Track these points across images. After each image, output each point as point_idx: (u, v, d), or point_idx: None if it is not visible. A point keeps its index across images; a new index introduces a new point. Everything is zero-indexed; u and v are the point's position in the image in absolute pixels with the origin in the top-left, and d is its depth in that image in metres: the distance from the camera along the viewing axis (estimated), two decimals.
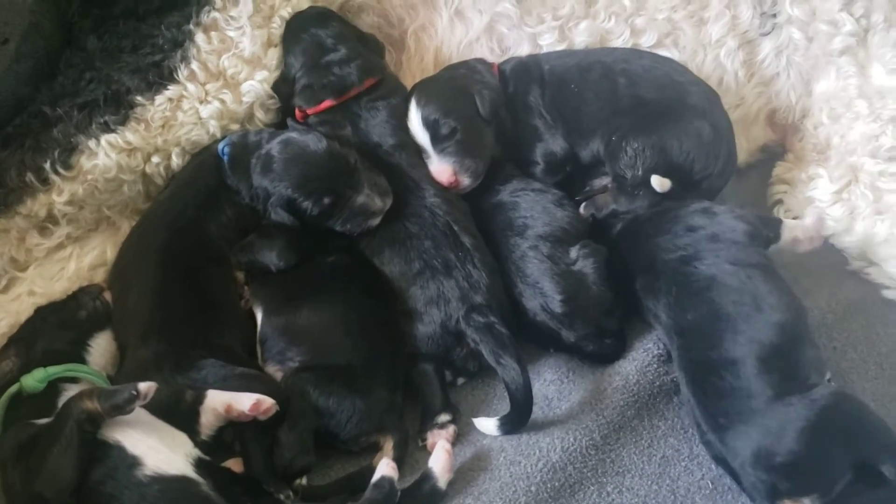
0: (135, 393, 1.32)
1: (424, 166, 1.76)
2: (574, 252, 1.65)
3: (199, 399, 1.45)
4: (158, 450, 1.35)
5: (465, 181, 1.74)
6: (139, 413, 1.40)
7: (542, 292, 1.62)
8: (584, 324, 1.61)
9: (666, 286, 1.55)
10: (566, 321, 1.61)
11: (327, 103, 1.81)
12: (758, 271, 1.50)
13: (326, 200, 1.65)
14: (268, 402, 1.42)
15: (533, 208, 1.71)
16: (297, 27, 1.87)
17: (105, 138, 1.68)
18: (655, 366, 1.60)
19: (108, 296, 1.66)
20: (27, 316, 1.62)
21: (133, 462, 1.33)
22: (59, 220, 1.71)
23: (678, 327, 1.51)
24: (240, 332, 1.63)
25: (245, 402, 1.42)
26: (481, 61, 1.88)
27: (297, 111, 1.84)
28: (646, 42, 1.89)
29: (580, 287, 1.61)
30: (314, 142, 1.67)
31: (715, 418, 1.41)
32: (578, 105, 1.78)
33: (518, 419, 1.53)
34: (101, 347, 1.60)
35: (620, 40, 1.89)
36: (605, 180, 1.78)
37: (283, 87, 1.85)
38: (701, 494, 1.46)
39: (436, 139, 1.73)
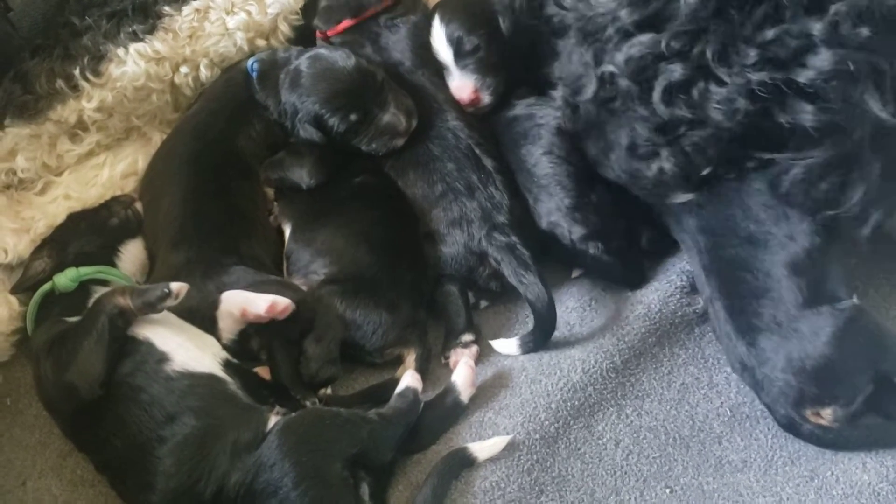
0: (167, 291, 1.34)
1: (447, 87, 1.77)
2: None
3: (215, 304, 1.47)
4: (187, 348, 1.38)
5: (486, 98, 1.74)
6: (168, 315, 1.43)
7: (556, 190, 1.62)
8: (596, 219, 1.60)
9: None
10: (578, 216, 1.60)
11: (346, 23, 1.82)
12: None
13: (353, 117, 1.65)
14: (283, 302, 1.43)
15: (550, 114, 1.69)
16: None
17: (133, 47, 1.69)
18: (678, 297, 1.60)
19: (139, 206, 1.68)
20: (62, 218, 1.65)
21: (162, 357, 1.35)
22: (88, 126, 1.72)
23: (708, 227, 1.49)
24: (268, 246, 1.65)
25: (260, 304, 1.42)
26: None
27: (317, 33, 1.85)
28: None
29: (593, 185, 1.62)
30: (343, 58, 1.67)
31: (748, 319, 1.41)
32: None
33: (542, 336, 1.54)
34: (131, 254, 1.62)
35: None
36: None
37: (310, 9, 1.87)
38: (719, 421, 1.47)
39: (458, 55, 1.74)
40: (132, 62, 1.68)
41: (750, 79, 1.27)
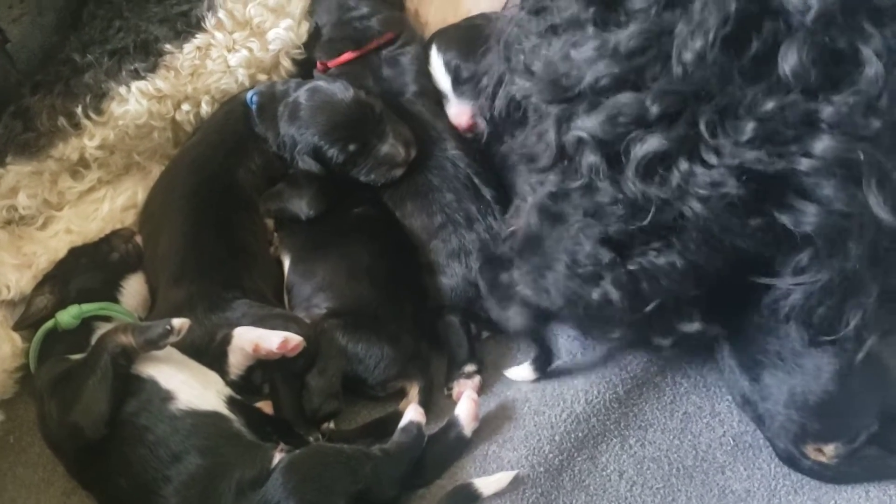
0: (169, 328, 1.34)
1: (446, 117, 1.78)
2: None
3: (227, 339, 1.47)
4: (191, 385, 1.37)
5: (483, 124, 1.74)
6: (171, 351, 1.42)
7: None
8: None
9: None
10: None
11: (347, 55, 1.84)
12: None
13: (351, 148, 1.66)
14: (295, 339, 1.43)
15: None
16: None
17: (135, 85, 1.69)
18: None
19: (139, 239, 1.68)
20: (64, 253, 1.65)
21: (166, 396, 1.35)
22: (90, 164, 1.72)
23: None
24: (270, 278, 1.65)
25: (273, 340, 1.43)
26: (497, 12, 1.89)
27: (318, 64, 1.87)
28: None
29: None
30: (341, 90, 1.68)
31: (752, 356, 1.41)
32: None
33: (545, 361, 1.54)
34: (133, 289, 1.62)
35: None
36: None
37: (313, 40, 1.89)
38: (722, 450, 1.47)
39: (457, 83, 1.76)
40: (134, 100, 1.68)
41: (744, 158, 1.06)
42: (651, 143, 1.09)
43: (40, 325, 1.52)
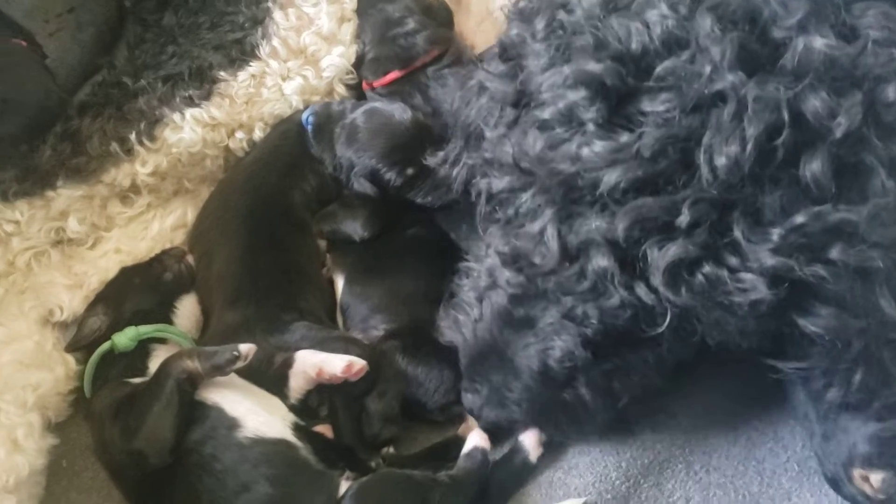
0: (236, 354, 1.32)
1: None
2: None
3: (288, 363, 1.45)
4: (257, 413, 1.35)
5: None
6: (233, 376, 1.40)
7: None
8: None
9: None
10: None
11: (393, 74, 1.82)
12: None
13: (410, 171, 1.64)
14: (359, 363, 1.41)
15: None
16: (366, 3, 1.90)
17: (189, 112, 1.67)
18: None
19: (191, 259, 1.66)
20: (114, 272, 1.62)
21: (232, 424, 1.32)
22: (140, 189, 1.70)
23: None
24: (323, 300, 1.63)
25: (337, 364, 1.40)
26: None
27: (364, 83, 1.86)
28: None
29: None
30: (399, 112, 1.67)
31: (817, 374, 1.36)
32: None
33: None
34: (186, 310, 1.59)
35: None
36: None
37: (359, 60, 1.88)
38: (787, 476, 1.45)
39: None
40: (188, 128, 1.66)
41: (772, 264, 1.04)
42: (676, 250, 1.05)
43: (94, 347, 1.49)
